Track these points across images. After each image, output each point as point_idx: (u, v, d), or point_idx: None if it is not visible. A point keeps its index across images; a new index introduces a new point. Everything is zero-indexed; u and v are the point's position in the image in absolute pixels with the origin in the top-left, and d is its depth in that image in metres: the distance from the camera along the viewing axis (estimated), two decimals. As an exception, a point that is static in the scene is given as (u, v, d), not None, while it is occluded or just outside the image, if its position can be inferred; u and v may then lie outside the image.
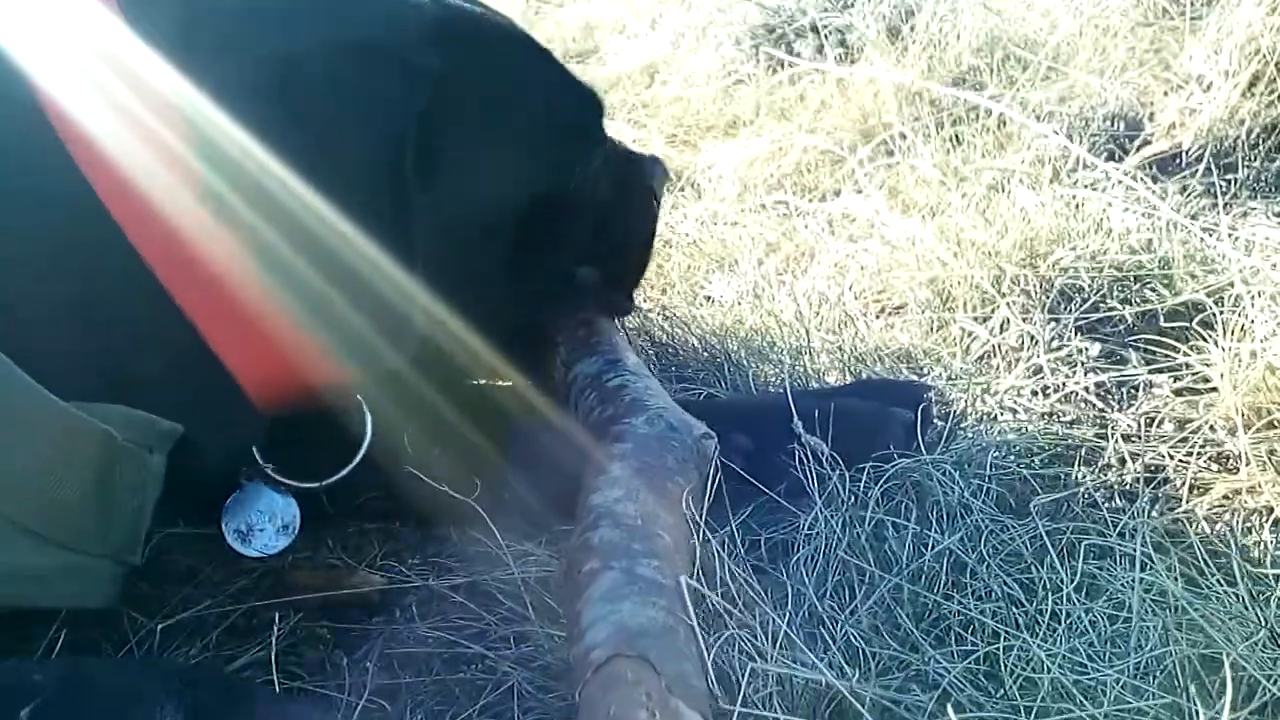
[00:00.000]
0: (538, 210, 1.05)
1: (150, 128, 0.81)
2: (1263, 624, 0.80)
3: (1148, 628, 0.82)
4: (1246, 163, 1.60)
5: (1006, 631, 0.83)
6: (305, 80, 0.86)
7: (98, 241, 0.81)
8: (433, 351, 0.96)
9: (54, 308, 0.82)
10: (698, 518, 0.89)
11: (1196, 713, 0.71)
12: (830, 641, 0.82)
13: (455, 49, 0.96)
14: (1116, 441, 1.08)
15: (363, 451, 0.98)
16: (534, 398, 1.10)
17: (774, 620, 0.81)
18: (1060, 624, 0.84)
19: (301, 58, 0.87)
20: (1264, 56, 1.63)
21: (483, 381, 1.11)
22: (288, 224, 0.82)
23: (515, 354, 1.10)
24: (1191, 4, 1.81)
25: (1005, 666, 0.80)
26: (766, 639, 0.80)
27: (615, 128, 2.29)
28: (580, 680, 0.68)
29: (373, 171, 0.87)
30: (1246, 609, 0.83)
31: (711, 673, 0.73)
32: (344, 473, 0.98)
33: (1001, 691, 0.79)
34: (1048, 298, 1.30)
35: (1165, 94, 1.75)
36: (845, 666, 0.80)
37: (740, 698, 0.73)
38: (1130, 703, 0.75)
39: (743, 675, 0.75)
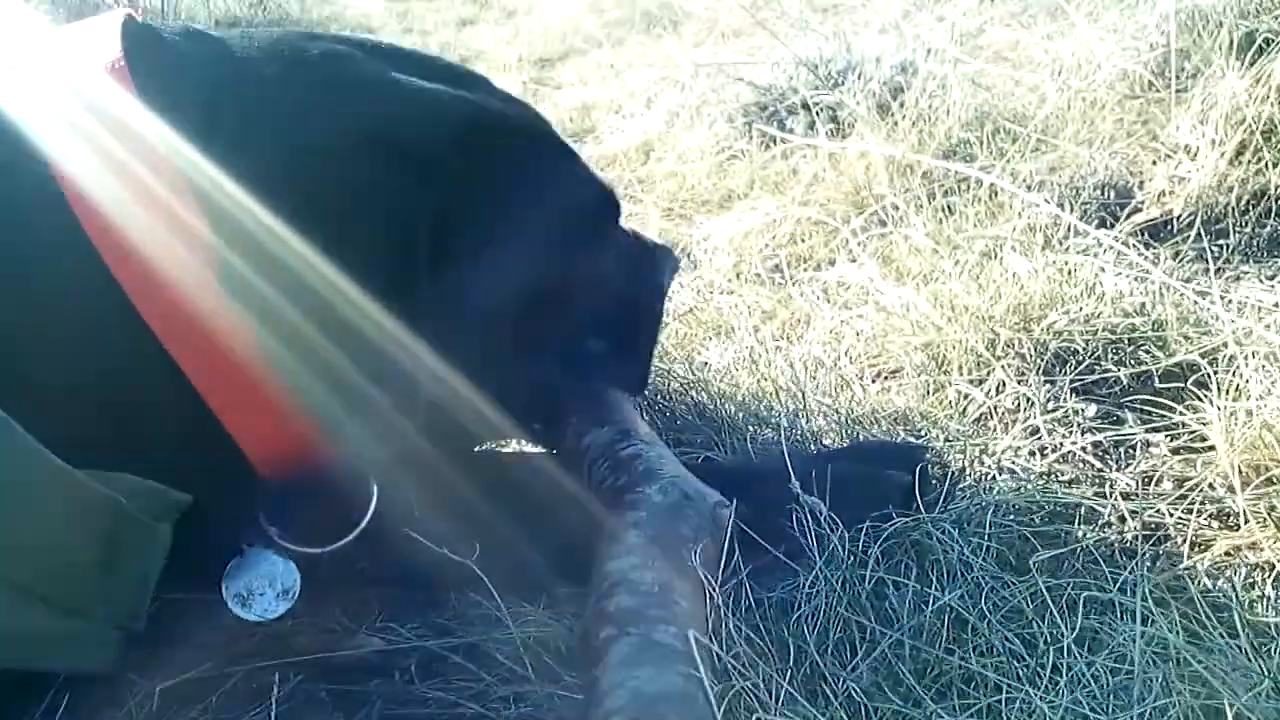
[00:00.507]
0: (545, 298, 1.07)
1: (166, 204, 0.82)
2: (1266, 675, 0.80)
3: (1150, 680, 0.81)
4: (1237, 228, 1.62)
5: (1008, 685, 0.82)
6: (323, 173, 0.88)
7: (110, 315, 0.82)
8: (439, 417, 0.96)
9: (67, 377, 0.83)
10: (713, 586, 0.88)
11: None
12: (832, 698, 0.82)
13: (475, 148, 0.98)
14: (1115, 500, 1.08)
15: (368, 518, 0.98)
16: (538, 460, 1.10)
17: (776, 677, 0.81)
18: (1062, 677, 0.83)
19: (321, 150, 0.89)
20: (1249, 126, 1.66)
21: (488, 445, 1.12)
22: (298, 299, 0.83)
23: (526, 421, 1.11)
24: (1177, 77, 1.84)
25: (1008, 719, 0.79)
26: (770, 695, 0.80)
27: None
28: None
29: (382, 265, 0.88)
30: (1249, 661, 0.83)
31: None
32: (349, 539, 0.98)
33: (1006, 744, 0.78)
34: (1042, 360, 1.31)
35: (1154, 163, 1.78)
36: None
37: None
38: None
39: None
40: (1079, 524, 1.06)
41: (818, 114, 2.32)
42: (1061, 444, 1.18)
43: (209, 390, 0.85)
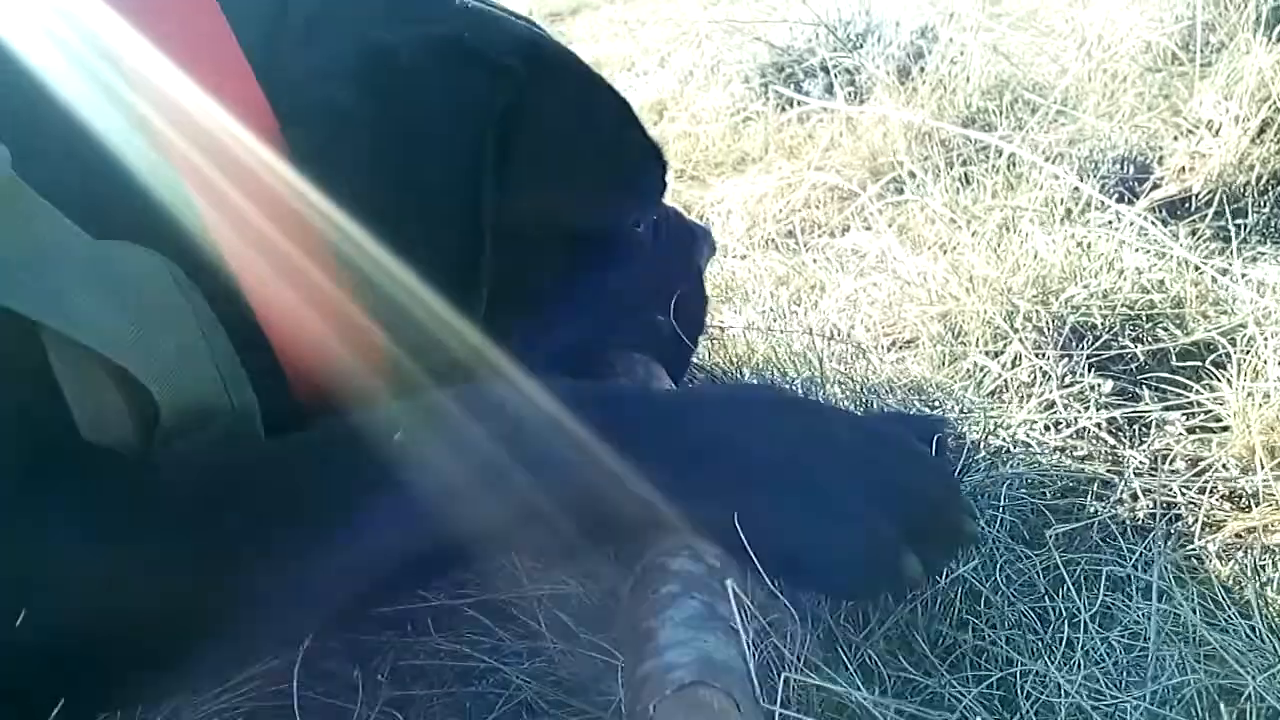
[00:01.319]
0: (594, 245, 1.06)
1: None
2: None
3: (1165, 658, 0.82)
4: (1256, 208, 1.61)
5: (1021, 660, 0.83)
6: (393, 68, 0.87)
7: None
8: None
9: None
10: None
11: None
12: (847, 663, 0.82)
13: (539, 64, 0.97)
14: (1129, 477, 1.08)
15: None
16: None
17: (797, 637, 0.81)
18: (1076, 652, 0.84)
19: (391, 47, 0.88)
20: (1274, 103, 1.64)
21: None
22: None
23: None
24: (1201, 50, 1.83)
25: (1021, 692, 0.80)
26: (791, 655, 0.80)
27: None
28: (654, 694, 0.68)
29: (453, 162, 0.87)
30: (1264, 641, 0.83)
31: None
32: None
33: (1017, 717, 0.79)
34: (1060, 335, 1.31)
35: (1175, 138, 1.76)
36: (861, 687, 0.80)
37: (779, 700, 0.72)
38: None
39: (777, 684, 0.74)
40: (1092, 500, 1.06)
41: (836, 77, 2.31)
42: (1077, 419, 1.18)
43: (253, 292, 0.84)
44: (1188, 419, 1.17)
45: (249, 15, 0.86)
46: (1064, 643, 0.85)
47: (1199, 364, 1.23)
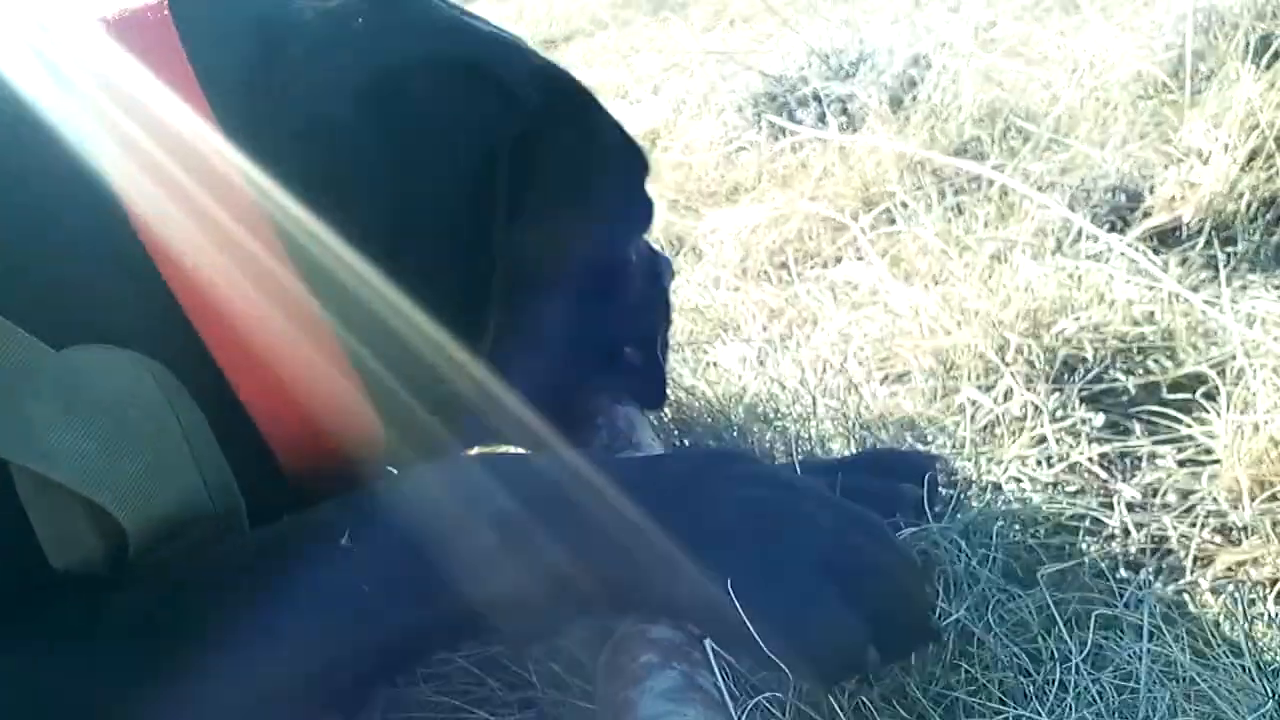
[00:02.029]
0: (596, 276, 1.06)
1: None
2: (1270, 696, 0.80)
3: (1156, 699, 0.82)
4: (1246, 236, 1.61)
5: (1013, 705, 0.83)
6: (401, 87, 0.85)
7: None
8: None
9: None
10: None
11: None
12: (839, 711, 0.82)
13: (554, 94, 0.96)
14: (1121, 512, 1.09)
15: None
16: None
17: (788, 691, 0.81)
18: (1068, 694, 0.84)
19: (400, 65, 0.86)
20: (1263, 131, 1.65)
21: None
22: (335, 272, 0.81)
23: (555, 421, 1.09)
24: (1191, 79, 1.84)
25: (1014, 736, 0.80)
26: (783, 711, 0.80)
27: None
28: None
29: (462, 189, 0.86)
30: (1253, 680, 0.83)
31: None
32: None
33: (1011, 761, 0.79)
34: (1051, 368, 1.31)
35: (1165, 167, 1.77)
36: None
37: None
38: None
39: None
40: (1084, 536, 1.07)
41: (829, 106, 2.32)
42: (1069, 454, 1.18)
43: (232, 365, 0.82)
44: (1179, 452, 1.18)
45: (225, 67, 0.83)
46: (1056, 684, 0.85)
47: (1190, 396, 1.24)
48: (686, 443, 1.31)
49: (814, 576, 0.80)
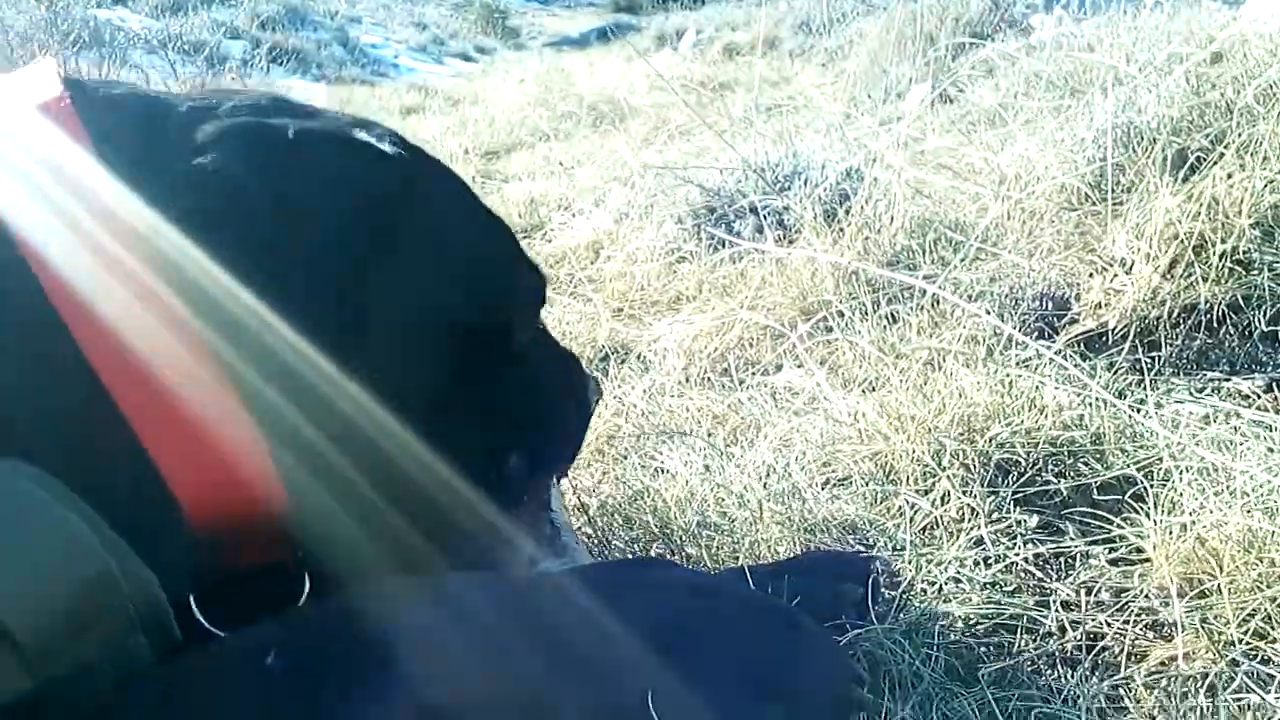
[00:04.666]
0: (474, 354, 1.06)
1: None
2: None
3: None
4: (1169, 340, 1.68)
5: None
6: (279, 145, 0.90)
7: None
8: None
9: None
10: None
11: None
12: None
13: (421, 161, 1.02)
14: (1057, 610, 1.13)
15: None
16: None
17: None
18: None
19: (278, 128, 0.91)
20: (1182, 241, 1.73)
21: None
22: (239, 326, 0.83)
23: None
24: (1113, 190, 1.92)
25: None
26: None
27: (563, 303, 2.36)
28: None
29: (337, 238, 0.89)
30: (1187, 773, 0.87)
31: None
32: None
33: None
34: (986, 471, 1.36)
35: (1090, 275, 1.84)
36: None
37: None
38: None
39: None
40: (1022, 634, 1.11)
41: (765, 218, 2.38)
42: (1005, 555, 1.22)
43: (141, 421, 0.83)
44: (1110, 551, 1.22)
45: (110, 126, 0.88)
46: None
47: (1119, 497, 1.29)
48: (641, 549, 1.34)
49: (727, 675, 0.85)
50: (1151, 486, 1.26)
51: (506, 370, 1.10)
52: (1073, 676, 1.03)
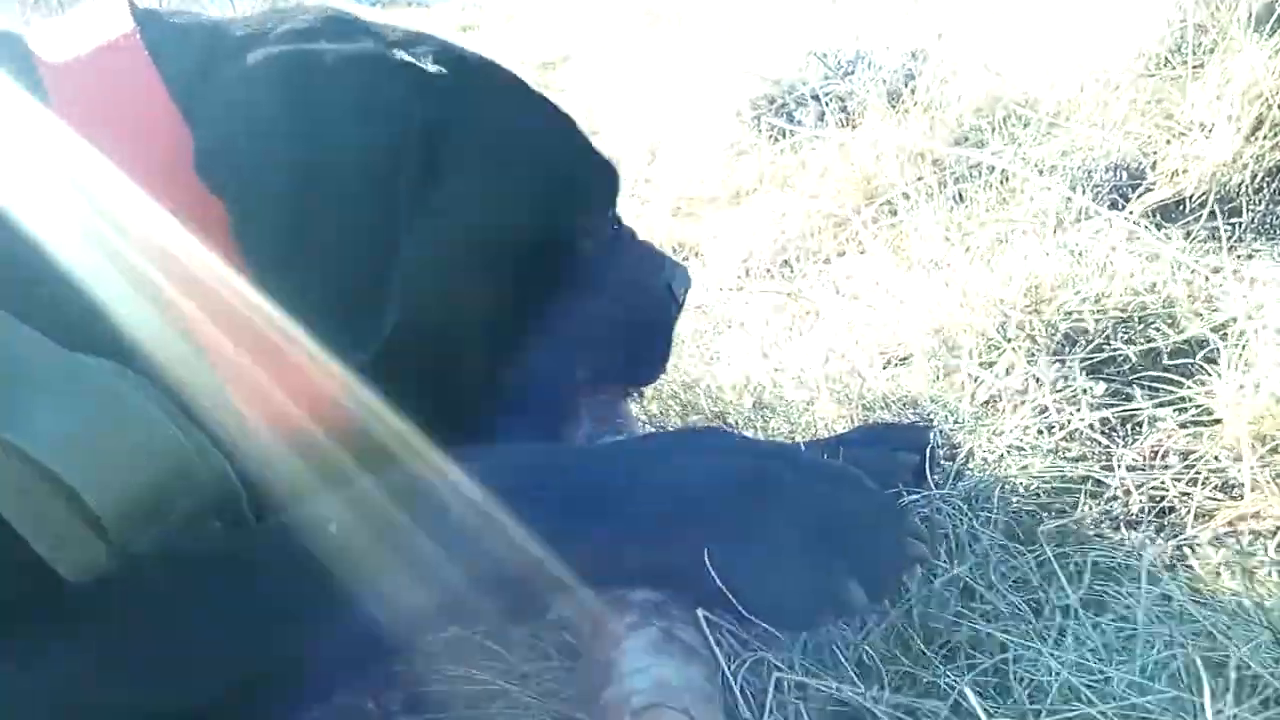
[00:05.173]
0: (541, 267, 1.06)
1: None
2: (1265, 625, 0.82)
3: (1154, 636, 0.83)
4: (1251, 206, 1.62)
5: (1015, 646, 0.84)
6: (313, 74, 0.89)
7: None
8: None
9: None
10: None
11: (1202, 706, 0.72)
12: (844, 661, 0.84)
13: (467, 77, 1.00)
14: (1121, 473, 1.10)
15: None
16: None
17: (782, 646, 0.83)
18: (1068, 638, 0.85)
19: (314, 55, 0.91)
20: (1266, 100, 1.65)
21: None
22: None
23: (528, 412, 1.10)
24: (1194, 52, 1.84)
25: (1014, 676, 0.81)
26: (782, 663, 0.82)
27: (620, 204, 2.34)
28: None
29: (367, 168, 0.88)
30: (1250, 616, 0.84)
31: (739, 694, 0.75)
32: None
33: (1012, 700, 0.80)
34: (1053, 341, 1.32)
35: (1168, 142, 1.78)
36: (857, 683, 0.82)
37: (768, 705, 0.74)
38: (1137, 700, 0.76)
39: (768, 685, 0.76)
40: (1085, 498, 1.08)
41: (828, 104, 2.34)
42: (1069, 421, 1.19)
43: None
44: (1179, 415, 1.18)
45: (179, 70, 0.91)
46: (1056, 630, 0.86)
47: (1190, 360, 1.25)
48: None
49: (784, 529, 0.84)
50: (1225, 347, 1.21)
51: (574, 284, 1.10)
52: (1136, 535, 1.00)
